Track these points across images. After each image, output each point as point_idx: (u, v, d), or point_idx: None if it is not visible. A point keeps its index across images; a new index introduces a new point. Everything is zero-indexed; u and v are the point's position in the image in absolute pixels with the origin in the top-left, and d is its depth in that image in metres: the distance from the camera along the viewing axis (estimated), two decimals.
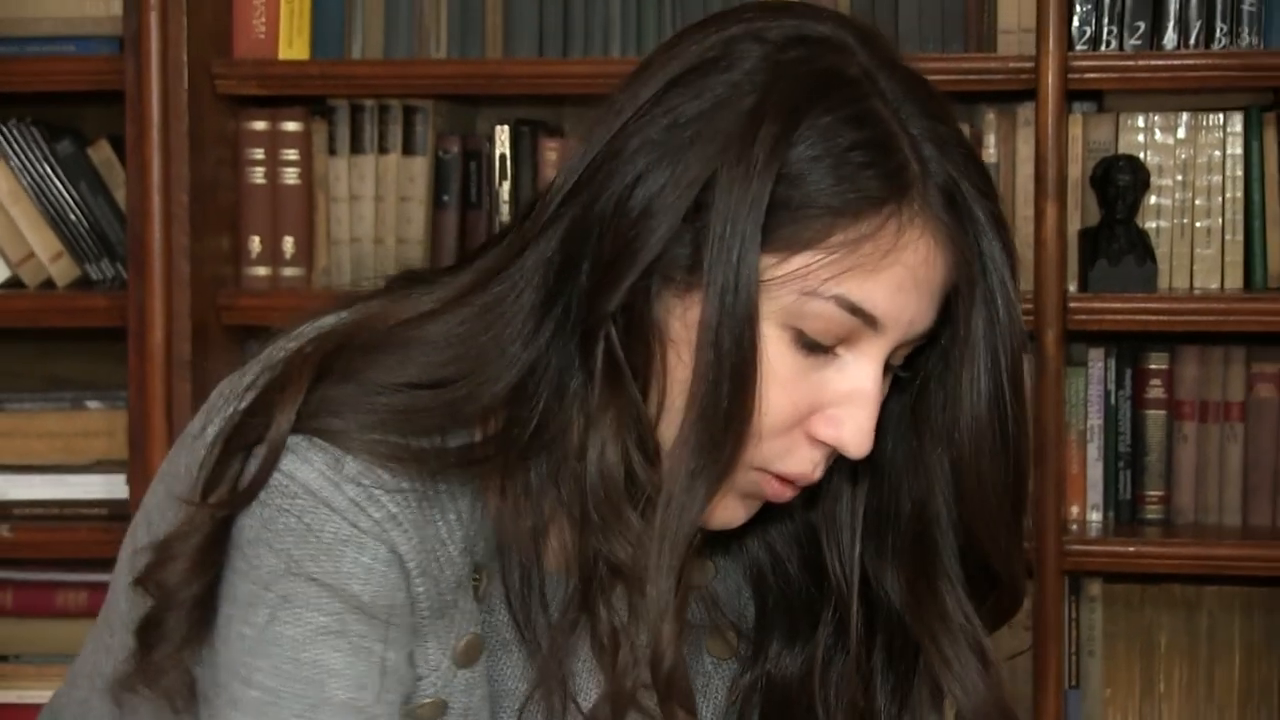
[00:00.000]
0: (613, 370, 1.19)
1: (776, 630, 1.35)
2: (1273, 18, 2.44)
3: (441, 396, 1.17)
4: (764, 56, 1.17)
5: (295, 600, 1.17)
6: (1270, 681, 2.52)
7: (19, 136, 2.57)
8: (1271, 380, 2.50)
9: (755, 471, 1.19)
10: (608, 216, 1.18)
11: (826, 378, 1.18)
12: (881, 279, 1.15)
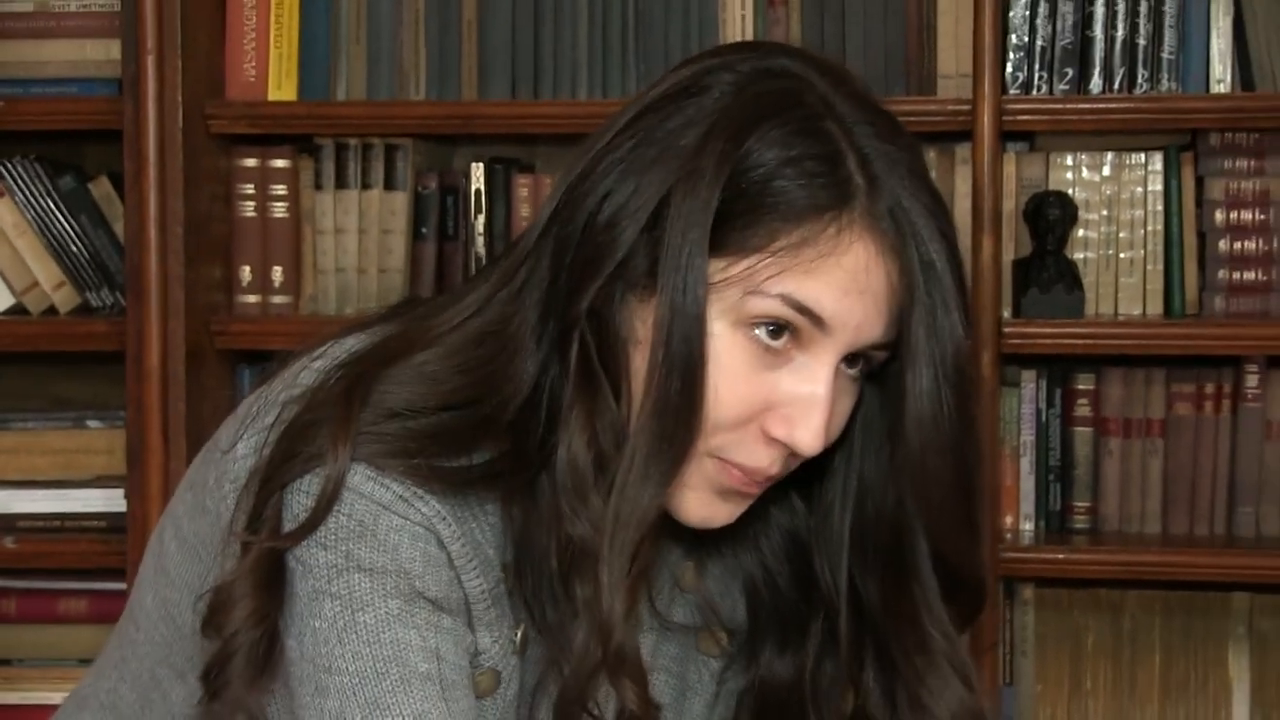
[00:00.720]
0: (584, 370, 1.21)
1: (769, 638, 1.36)
2: (1189, 65, 2.44)
3: (466, 419, 1.19)
4: (731, 83, 1.20)
5: (359, 591, 1.17)
6: (1188, 679, 2.54)
7: (24, 172, 2.58)
8: (1189, 399, 2.50)
9: (714, 460, 1.20)
10: (580, 230, 1.20)
11: (780, 378, 1.19)
12: (823, 280, 1.16)
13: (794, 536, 1.35)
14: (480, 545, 1.21)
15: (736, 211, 1.16)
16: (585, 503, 1.20)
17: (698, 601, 1.35)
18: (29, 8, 2.55)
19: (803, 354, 1.18)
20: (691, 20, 2.49)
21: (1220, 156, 2.47)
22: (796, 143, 1.16)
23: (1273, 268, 2.46)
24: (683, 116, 1.19)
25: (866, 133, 1.19)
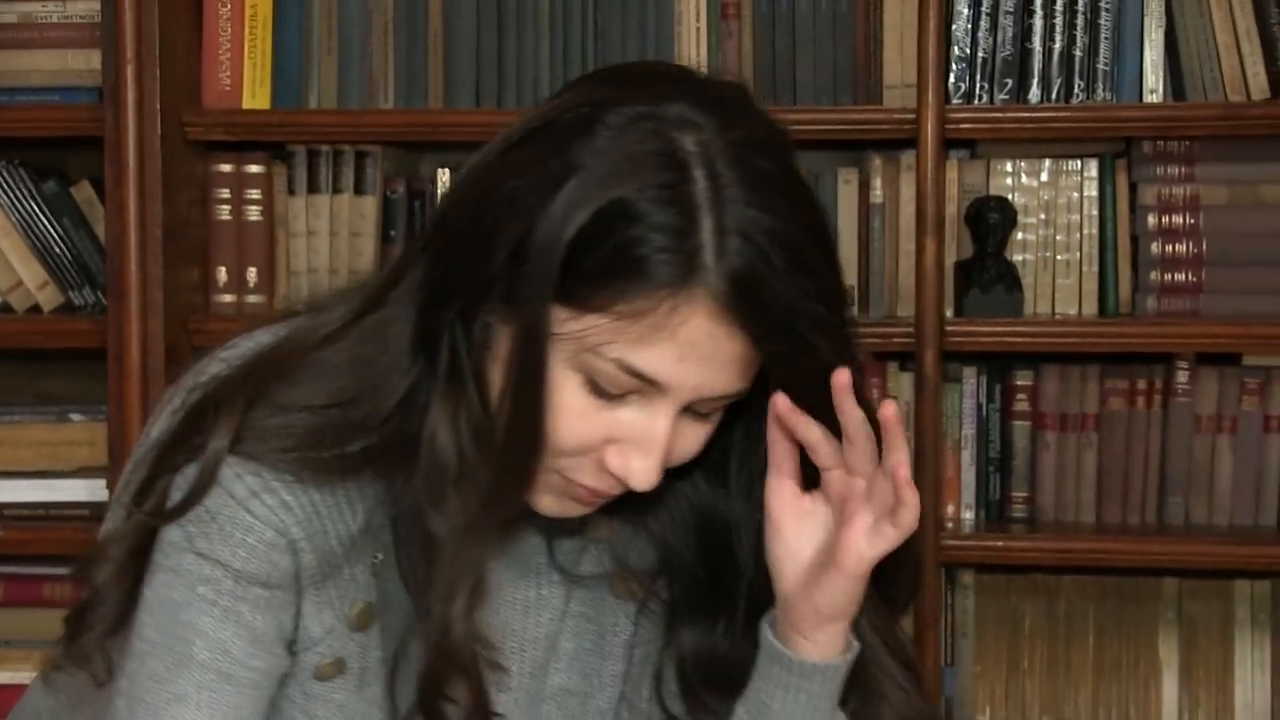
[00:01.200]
0: (451, 372, 1.21)
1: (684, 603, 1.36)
2: (1123, 76, 2.45)
3: (347, 415, 1.21)
4: (614, 129, 1.17)
5: (184, 570, 1.20)
6: (1120, 661, 2.55)
7: (8, 177, 2.58)
8: (1122, 395, 2.52)
9: (560, 478, 1.22)
10: (457, 244, 1.20)
11: (621, 417, 1.19)
12: (659, 350, 1.16)
13: (702, 512, 1.34)
14: (326, 534, 1.22)
15: (587, 267, 1.14)
16: (443, 499, 1.21)
17: (607, 550, 1.35)
18: (13, 19, 2.55)
19: (642, 401, 1.18)
20: (648, 34, 2.49)
21: (1153, 163, 2.49)
22: (654, 210, 1.14)
23: (1202, 269, 2.47)
24: (563, 154, 1.16)
25: (736, 197, 1.15)
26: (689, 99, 1.18)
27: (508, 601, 1.34)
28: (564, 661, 1.37)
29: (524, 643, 1.35)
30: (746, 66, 2.50)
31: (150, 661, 1.22)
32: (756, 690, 1.31)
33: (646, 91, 1.19)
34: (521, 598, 1.35)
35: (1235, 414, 2.51)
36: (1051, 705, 2.56)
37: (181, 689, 1.21)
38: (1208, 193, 2.49)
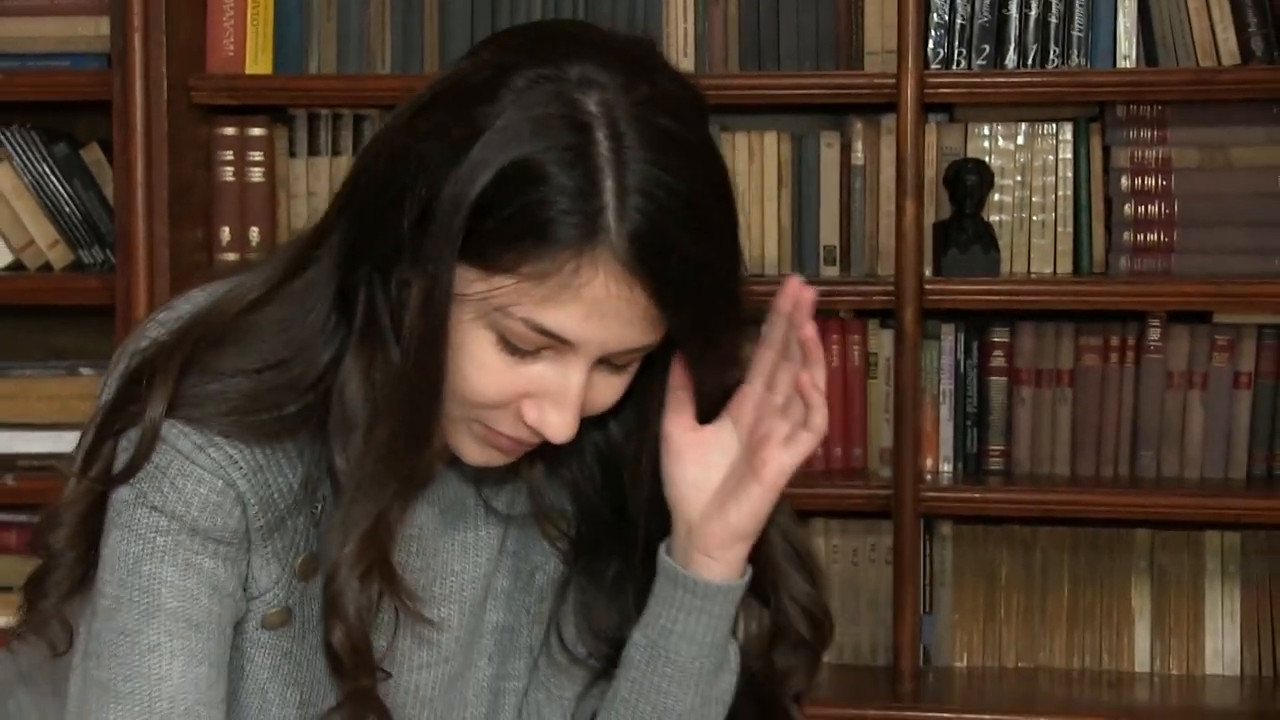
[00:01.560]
0: (366, 325, 1.21)
1: (589, 539, 1.37)
2: (1097, 42, 2.47)
3: (280, 377, 1.21)
4: (518, 93, 1.16)
5: (139, 524, 1.20)
6: (1094, 609, 2.57)
7: (21, 140, 2.60)
8: (1096, 351, 2.53)
9: (482, 427, 1.22)
10: (369, 206, 1.19)
11: (535, 372, 1.19)
12: (565, 309, 1.15)
13: (605, 453, 1.35)
14: (270, 488, 1.23)
15: (491, 229, 1.14)
16: (348, 442, 1.21)
17: (532, 492, 1.36)
18: None
19: (555, 355, 1.19)
20: (637, 1, 2.50)
21: (1125, 127, 2.50)
22: (556, 171, 1.13)
23: (1174, 230, 2.49)
24: (468, 118, 1.16)
25: (637, 157, 1.15)
26: (592, 59, 1.17)
27: (446, 545, 1.35)
28: (500, 599, 1.38)
29: (463, 583, 1.35)
30: (732, 32, 2.53)
31: (118, 616, 1.21)
32: (657, 615, 1.33)
33: (549, 52, 1.18)
34: (460, 540, 1.36)
35: (1206, 370, 2.53)
36: (1027, 652, 2.58)
37: (153, 639, 1.20)
38: (1179, 155, 2.50)
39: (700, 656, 1.32)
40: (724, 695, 1.37)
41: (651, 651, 1.33)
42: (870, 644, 2.63)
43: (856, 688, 2.53)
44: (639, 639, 1.33)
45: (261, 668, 1.28)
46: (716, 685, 1.35)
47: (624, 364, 1.23)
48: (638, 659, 1.34)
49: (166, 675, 1.19)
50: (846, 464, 2.61)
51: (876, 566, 2.61)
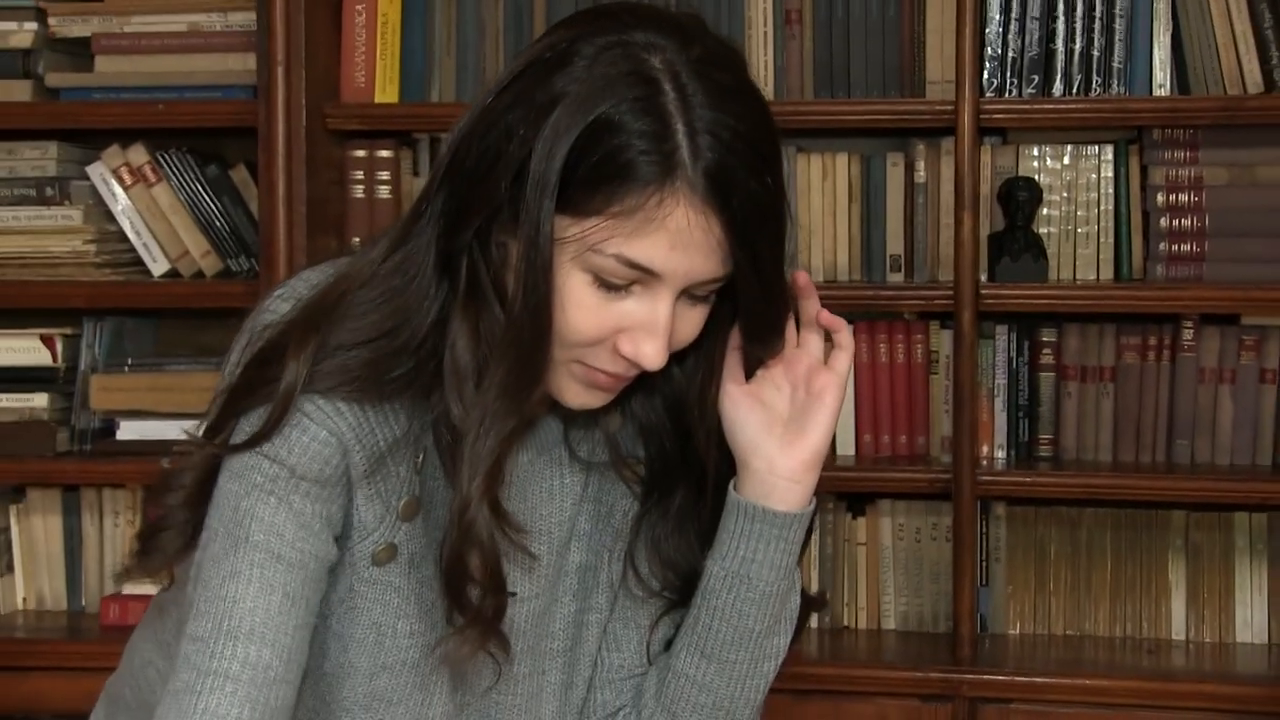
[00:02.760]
0: (470, 287, 1.23)
1: (659, 477, 1.40)
2: (1135, 72, 2.49)
3: (391, 344, 1.23)
4: (589, 58, 1.18)
5: (245, 467, 1.22)
6: (1135, 581, 2.59)
7: (177, 162, 2.66)
8: (1135, 350, 2.56)
9: (580, 366, 1.24)
10: (465, 178, 1.21)
11: (627, 308, 1.21)
12: (650, 241, 1.18)
13: (672, 396, 1.37)
14: (375, 435, 1.24)
15: (580, 178, 1.17)
16: (462, 392, 1.23)
17: (611, 442, 1.39)
18: (183, 28, 2.63)
19: (644, 290, 1.21)
20: (722, 34, 2.55)
21: (1161, 148, 2.52)
22: (632, 120, 1.16)
23: (1205, 241, 2.50)
24: (548, 86, 1.18)
25: (702, 103, 1.17)
26: (651, 26, 1.20)
27: (535, 490, 1.36)
28: (582, 540, 1.39)
29: (550, 525, 1.37)
30: (807, 65, 2.56)
31: (212, 546, 1.23)
32: (735, 548, 1.36)
33: (614, 24, 1.20)
34: (546, 486, 1.37)
35: (1234, 367, 2.54)
36: (1074, 621, 2.60)
37: (236, 566, 1.22)
38: (1210, 174, 2.52)
39: (777, 580, 1.36)
40: (792, 614, 1.41)
41: (733, 580, 1.36)
42: (932, 613, 2.64)
43: (919, 652, 2.54)
44: (718, 570, 1.36)
45: (374, 603, 1.29)
46: (788, 604, 1.39)
47: (703, 295, 1.25)
48: (718, 587, 1.37)
49: (240, 598, 1.21)
50: (911, 451, 2.63)
51: (938, 544, 2.62)
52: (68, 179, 2.69)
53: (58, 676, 2.55)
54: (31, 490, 2.78)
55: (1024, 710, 2.42)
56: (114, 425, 2.69)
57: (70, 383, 2.72)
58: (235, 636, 1.20)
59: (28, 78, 2.65)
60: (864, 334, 2.61)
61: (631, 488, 1.40)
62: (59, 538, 2.78)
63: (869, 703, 2.44)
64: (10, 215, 2.66)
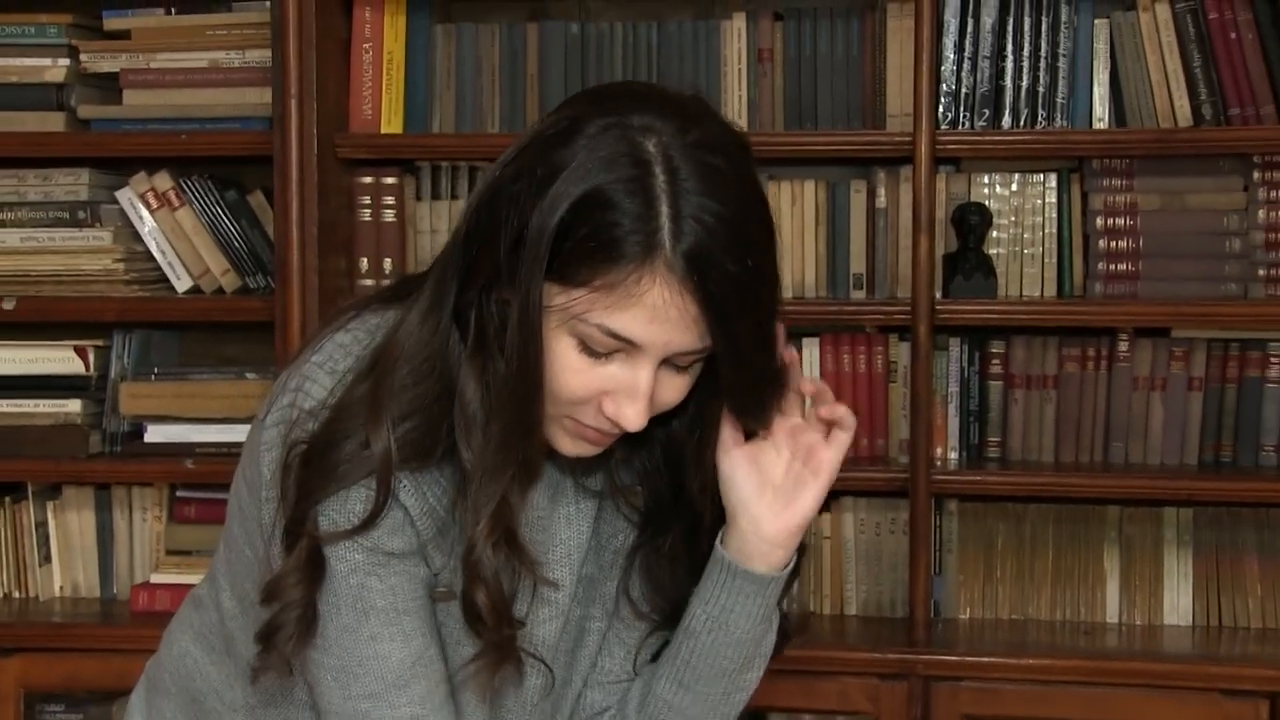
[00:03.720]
0: (478, 339, 1.23)
1: (654, 516, 1.40)
2: (1077, 107, 2.52)
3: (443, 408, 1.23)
4: (590, 138, 1.17)
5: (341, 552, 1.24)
6: (1073, 570, 2.61)
7: (199, 188, 2.68)
8: (1076, 360, 2.58)
9: (571, 421, 1.24)
10: (474, 240, 1.22)
11: (611, 372, 1.21)
12: (630, 315, 1.17)
13: (670, 448, 1.36)
14: (432, 504, 1.26)
15: (570, 250, 1.16)
16: (470, 440, 1.23)
17: (609, 474, 1.39)
18: (204, 64, 2.65)
19: (627, 357, 1.21)
20: (700, 74, 2.57)
21: (1100, 177, 2.55)
22: (621, 199, 1.15)
23: (1139, 261, 2.53)
24: (548, 161, 1.18)
25: (691, 189, 1.16)
26: (651, 110, 1.19)
27: (554, 520, 1.37)
28: (590, 555, 1.41)
29: (570, 549, 1.38)
30: (778, 99, 2.58)
31: (335, 620, 1.25)
32: (717, 596, 1.35)
33: (615, 105, 1.20)
34: (563, 514, 1.38)
35: (1165, 376, 2.57)
36: (1018, 607, 2.62)
37: (374, 630, 1.25)
38: (1144, 200, 2.55)
39: (753, 626, 1.37)
40: (767, 651, 1.42)
41: (713, 624, 1.36)
42: (890, 600, 2.65)
43: (879, 635, 2.55)
44: (700, 614, 1.37)
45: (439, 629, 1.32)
46: (762, 645, 1.41)
47: (685, 365, 1.24)
48: (699, 628, 1.37)
49: (389, 655, 1.26)
50: (872, 452, 2.63)
51: (895, 537, 2.64)
52: (98, 203, 2.70)
53: (92, 657, 2.57)
54: (67, 488, 2.79)
55: (973, 688, 2.44)
56: (142, 429, 2.70)
57: (101, 390, 2.73)
58: (401, 685, 1.26)
59: (61, 110, 2.67)
60: (829, 346, 2.63)
61: (628, 517, 1.40)
62: (92, 531, 2.78)
63: (833, 681, 2.45)
64: (45, 236, 2.67)
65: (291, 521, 1.24)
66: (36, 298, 2.68)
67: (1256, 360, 2.60)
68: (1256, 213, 2.56)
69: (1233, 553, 2.62)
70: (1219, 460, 2.61)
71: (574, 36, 2.61)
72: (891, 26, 2.56)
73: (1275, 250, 2.56)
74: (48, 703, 2.72)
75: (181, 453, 2.66)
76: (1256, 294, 2.56)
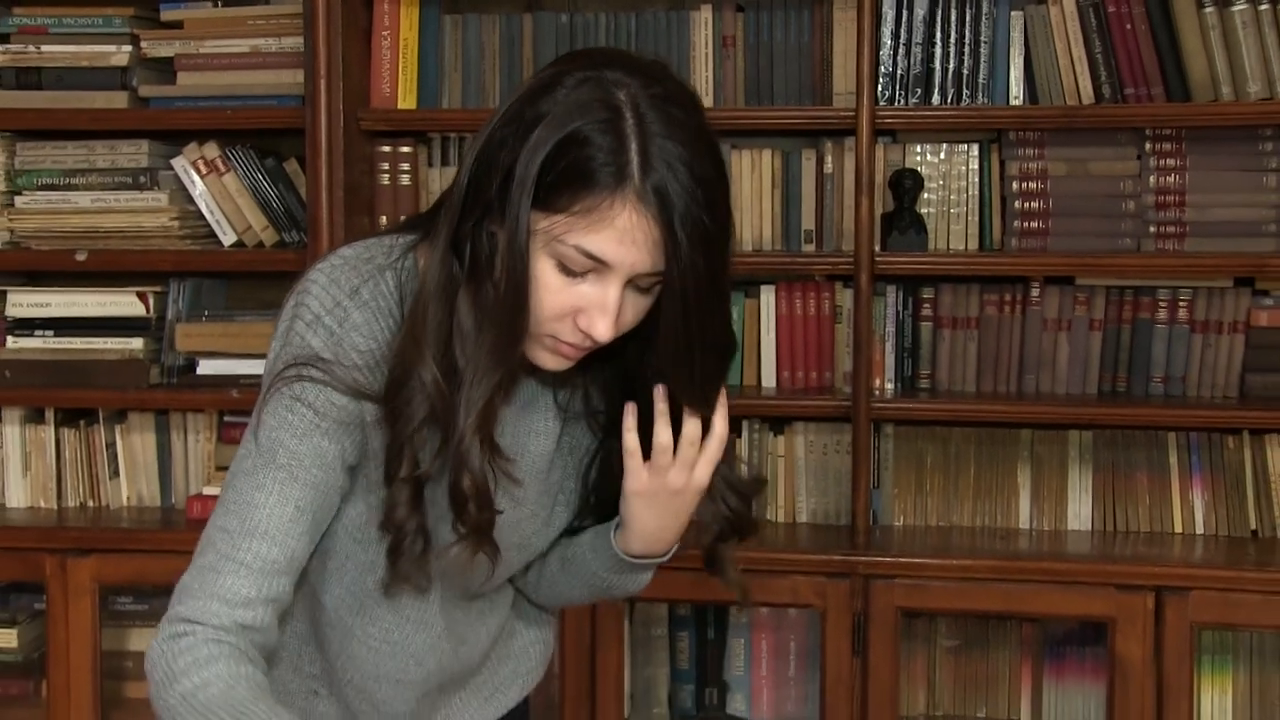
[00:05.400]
0: (472, 266, 1.24)
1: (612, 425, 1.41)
2: (996, 87, 2.58)
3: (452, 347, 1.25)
4: (570, 87, 1.20)
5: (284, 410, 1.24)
6: (991, 484, 2.68)
7: (242, 157, 2.74)
8: (994, 304, 2.65)
9: (548, 338, 1.25)
10: (471, 179, 1.24)
11: (583, 291, 1.22)
12: (603, 235, 1.18)
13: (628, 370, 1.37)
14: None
15: (552, 181, 1.18)
16: (464, 348, 1.25)
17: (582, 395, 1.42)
18: (246, 50, 2.71)
19: (597, 278, 1.22)
20: (673, 56, 2.63)
21: (1016, 147, 2.61)
22: (596, 137, 1.18)
23: (1049, 219, 2.60)
24: (533, 108, 1.20)
25: (657, 133, 1.18)
26: (622, 67, 1.22)
27: (524, 431, 1.38)
28: (558, 465, 1.42)
29: (535, 457, 1.39)
30: (739, 79, 2.63)
31: (246, 461, 1.25)
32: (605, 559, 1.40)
33: (590, 63, 1.23)
34: (534, 429, 1.39)
35: (1070, 318, 2.63)
36: (944, 515, 2.70)
37: (261, 480, 1.23)
38: (1053, 167, 2.61)
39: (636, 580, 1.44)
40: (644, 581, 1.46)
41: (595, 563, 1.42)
42: (835, 509, 2.71)
43: (825, 540, 2.60)
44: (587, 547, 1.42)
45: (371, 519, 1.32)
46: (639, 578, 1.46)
47: (645, 286, 1.24)
48: (583, 556, 1.42)
49: (262, 505, 1.23)
50: (820, 384, 2.70)
51: (840, 456, 2.70)
52: (156, 170, 2.74)
53: (154, 557, 2.63)
54: (131, 414, 2.84)
55: (905, 584, 2.48)
56: (195, 363, 2.75)
57: (160, 330, 2.77)
58: (253, 534, 1.23)
59: (124, 90, 2.71)
60: (783, 292, 2.71)
61: (594, 432, 1.44)
62: (153, 450, 2.84)
63: (785, 579, 2.50)
64: (112, 198, 2.72)
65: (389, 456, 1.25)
66: (104, 250, 2.71)
67: (1148, 304, 2.65)
68: (1148, 178, 2.61)
69: (1126, 469, 2.67)
70: (1115, 390, 2.66)
71: (563, 25, 2.66)
72: (837, 17, 2.62)
73: (1164, 210, 2.62)
74: (118, 595, 2.81)
75: (228, 384, 2.71)
76: (1148, 248, 2.62)
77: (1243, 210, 2.62)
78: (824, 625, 2.53)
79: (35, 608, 2.83)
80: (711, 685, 2.81)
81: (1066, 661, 2.72)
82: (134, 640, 2.82)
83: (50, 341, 2.77)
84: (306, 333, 1.25)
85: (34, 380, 2.75)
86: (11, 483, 2.85)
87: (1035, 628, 2.70)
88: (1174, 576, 2.46)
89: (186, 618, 1.22)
